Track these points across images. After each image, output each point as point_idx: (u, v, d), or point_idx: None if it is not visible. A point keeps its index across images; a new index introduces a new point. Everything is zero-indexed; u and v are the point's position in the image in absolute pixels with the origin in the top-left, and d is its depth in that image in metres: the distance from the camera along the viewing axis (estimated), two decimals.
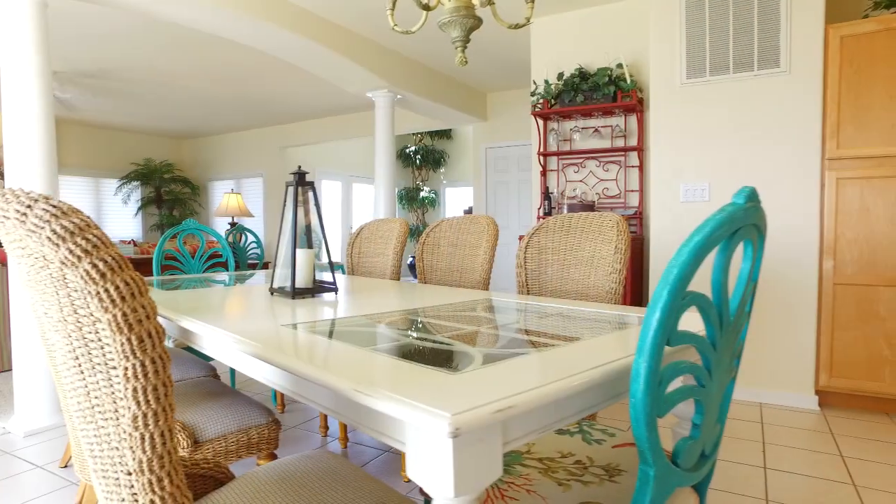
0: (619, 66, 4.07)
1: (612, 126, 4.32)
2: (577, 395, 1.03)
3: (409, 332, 1.34)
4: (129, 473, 0.77)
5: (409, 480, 2.29)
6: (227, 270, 3.39)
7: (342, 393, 0.91)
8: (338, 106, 7.64)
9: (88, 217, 0.70)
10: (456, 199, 11.41)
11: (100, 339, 0.72)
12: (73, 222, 0.68)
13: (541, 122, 4.45)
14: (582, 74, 4.13)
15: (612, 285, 2.06)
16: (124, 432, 0.75)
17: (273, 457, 1.76)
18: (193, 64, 5.64)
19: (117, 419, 0.75)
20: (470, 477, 0.81)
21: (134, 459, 0.74)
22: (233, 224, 7.05)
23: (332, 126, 8.34)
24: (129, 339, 0.69)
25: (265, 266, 7.76)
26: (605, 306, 1.77)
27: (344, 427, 2.66)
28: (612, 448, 1.38)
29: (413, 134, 10.89)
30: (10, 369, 4.14)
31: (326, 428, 2.81)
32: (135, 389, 0.71)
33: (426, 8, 1.69)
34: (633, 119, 4.25)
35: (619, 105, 4.02)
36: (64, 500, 2.18)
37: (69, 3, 4.07)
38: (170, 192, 9.65)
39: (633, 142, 4.25)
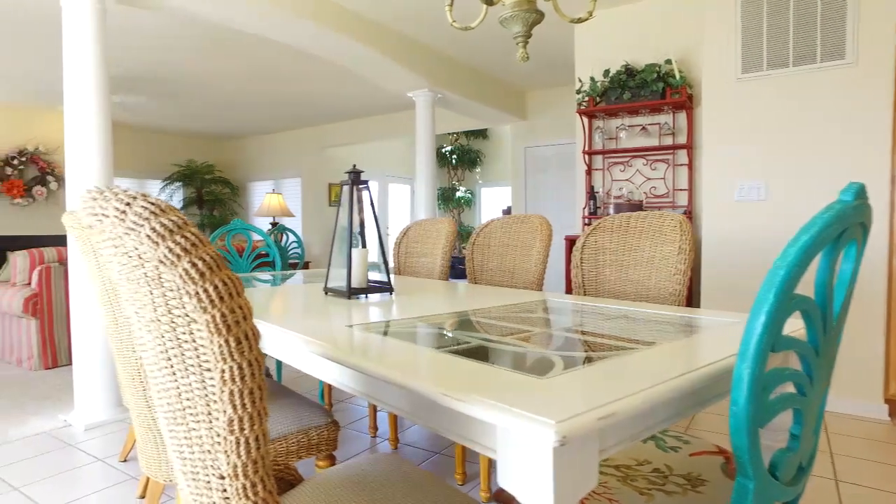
0: (668, 62, 3.96)
1: (659, 124, 4.21)
2: (672, 401, 0.98)
3: (477, 334, 1.31)
4: (222, 477, 0.75)
5: (464, 483, 2.26)
6: (273, 270, 3.42)
7: (428, 397, 0.88)
8: (376, 106, 7.67)
9: (184, 215, 0.69)
10: (492, 199, 11.35)
11: (194, 341, 0.71)
12: (172, 220, 0.67)
13: (586, 120, 4.37)
14: (629, 71, 4.03)
15: (675, 287, 1.98)
16: (218, 436, 0.73)
17: (332, 458, 1.74)
18: (235, 66, 5.73)
19: (210, 422, 0.74)
20: (568, 487, 0.77)
21: (228, 464, 0.72)
22: (274, 224, 7.14)
23: (370, 126, 8.38)
24: (227, 341, 0.67)
25: (306, 266, 7.84)
26: (669, 308, 1.70)
27: (395, 427, 2.64)
28: (689, 456, 1.32)
29: (448, 134, 10.86)
30: (69, 364, 4.26)
31: (375, 428, 2.80)
32: (231, 393, 0.69)
33: (488, 2, 1.65)
34: (682, 116, 4.13)
35: (667, 102, 3.91)
36: (124, 493, 2.21)
37: (120, 8, 4.17)
38: (210, 193, 9.83)
39: (683, 139, 4.13)
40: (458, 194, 11.13)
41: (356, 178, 2.03)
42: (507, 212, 7.94)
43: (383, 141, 8.84)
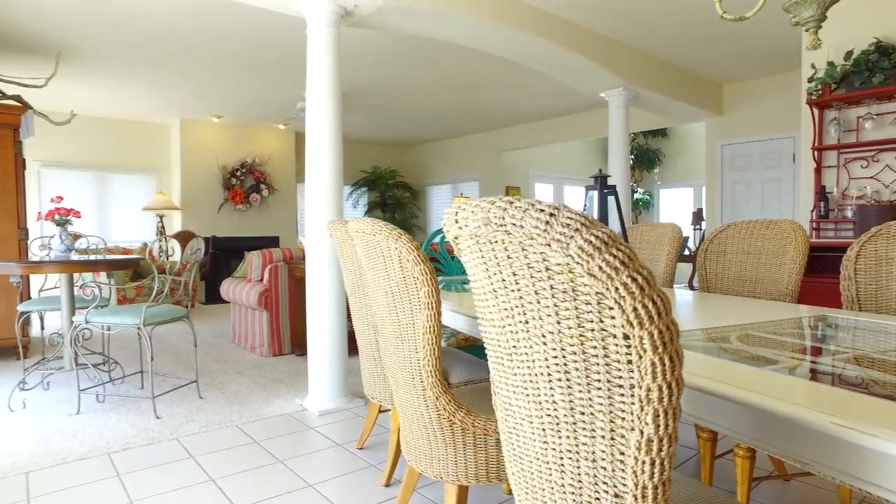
0: None
1: None
2: None
3: (784, 352, 1.18)
4: (617, 496, 0.73)
5: None
6: None
7: (807, 426, 0.79)
8: (555, 109, 7.58)
9: (611, 229, 0.68)
10: (672, 201, 10.66)
11: (606, 356, 0.69)
12: (604, 233, 0.65)
13: (816, 111, 3.87)
14: (881, 49, 3.49)
15: None
16: (621, 454, 0.71)
17: None
18: (426, 75, 6.01)
19: (612, 439, 0.72)
20: None
21: (636, 485, 0.70)
22: None
23: (547, 129, 8.32)
24: (661, 359, 0.64)
25: None
26: None
27: None
28: None
29: None
30: (290, 353, 4.76)
31: None
32: (655, 413, 0.66)
33: None
34: None
35: None
36: (367, 479, 2.38)
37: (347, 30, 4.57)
38: (392, 197, 10.48)
39: None
40: (636, 196, 10.63)
41: (603, 182, 1.98)
42: (698, 214, 7.37)
43: (558, 143, 8.73)
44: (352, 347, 4.65)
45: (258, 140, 8.84)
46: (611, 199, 3.04)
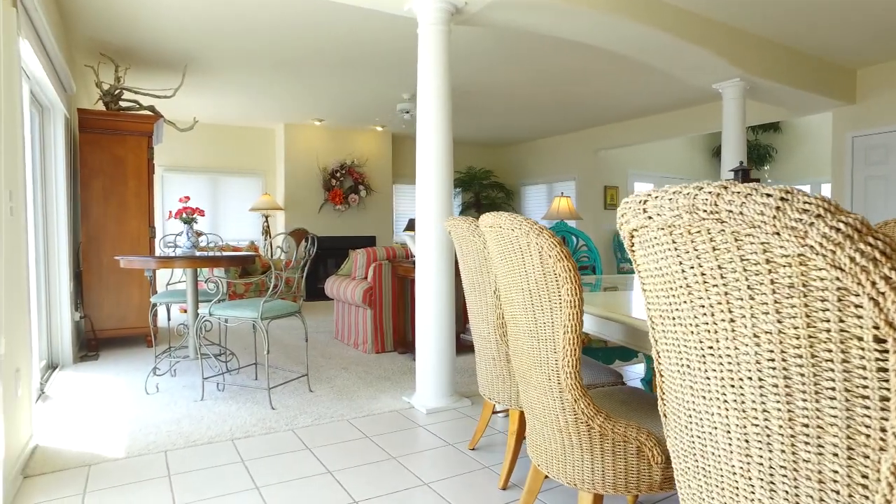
0: None
1: None
2: None
3: None
4: None
5: None
6: (595, 274, 3.38)
7: None
8: (659, 104, 7.24)
9: (861, 216, 0.58)
10: None
11: (845, 361, 0.60)
12: (855, 219, 0.56)
13: None
14: None
15: None
16: (862, 476, 0.61)
17: None
18: (524, 74, 5.92)
19: (850, 458, 0.62)
20: None
21: None
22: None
23: (650, 125, 7.96)
24: None
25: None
26: None
27: None
28: None
29: None
30: (392, 350, 4.84)
31: None
32: None
33: None
34: None
35: None
36: (482, 481, 2.34)
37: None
38: (486, 197, 10.45)
39: None
40: None
41: (745, 176, 1.82)
42: None
43: (659, 141, 8.34)
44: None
45: (356, 142, 9.11)
46: None
